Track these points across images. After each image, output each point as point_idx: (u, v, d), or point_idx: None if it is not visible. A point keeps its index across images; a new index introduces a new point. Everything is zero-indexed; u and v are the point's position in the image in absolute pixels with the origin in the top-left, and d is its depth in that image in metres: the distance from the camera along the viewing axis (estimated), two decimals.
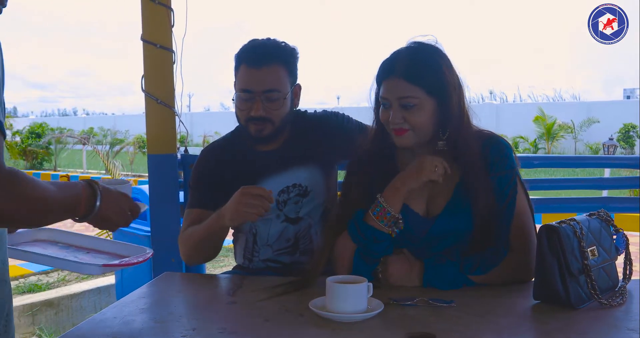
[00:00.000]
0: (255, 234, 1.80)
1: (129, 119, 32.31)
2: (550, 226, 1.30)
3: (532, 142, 18.72)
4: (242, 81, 1.69)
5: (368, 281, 1.27)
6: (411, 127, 1.47)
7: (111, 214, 1.22)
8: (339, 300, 1.24)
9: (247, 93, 1.68)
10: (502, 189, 1.50)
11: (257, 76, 1.67)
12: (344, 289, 1.24)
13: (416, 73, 1.45)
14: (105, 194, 1.20)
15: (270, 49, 1.70)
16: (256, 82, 1.67)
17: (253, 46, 1.71)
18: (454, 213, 1.50)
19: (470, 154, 1.49)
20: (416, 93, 1.44)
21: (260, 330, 1.19)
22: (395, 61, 1.48)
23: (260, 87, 1.67)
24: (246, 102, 1.69)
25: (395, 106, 1.46)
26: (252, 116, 1.69)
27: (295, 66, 1.75)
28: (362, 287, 1.25)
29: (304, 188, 1.77)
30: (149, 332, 1.20)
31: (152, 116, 2.35)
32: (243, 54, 1.71)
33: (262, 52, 1.68)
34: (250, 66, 1.67)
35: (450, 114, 1.48)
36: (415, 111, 1.46)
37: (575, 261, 1.30)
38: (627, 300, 1.34)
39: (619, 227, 1.43)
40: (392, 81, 1.46)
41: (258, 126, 1.70)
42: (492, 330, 1.18)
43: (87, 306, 3.74)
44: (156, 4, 2.29)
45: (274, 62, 1.68)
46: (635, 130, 17.83)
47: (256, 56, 1.68)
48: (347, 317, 1.22)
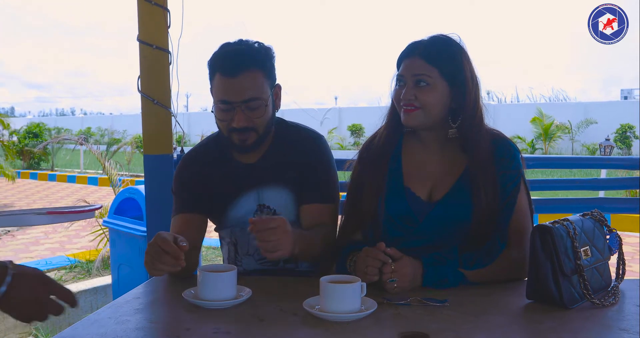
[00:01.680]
0: (236, 244, 1.77)
1: (126, 119, 32.25)
2: (543, 226, 1.31)
3: (530, 142, 18.75)
4: (219, 92, 1.58)
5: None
6: (421, 105, 1.52)
7: (20, 303, 1.00)
8: (333, 299, 1.25)
9: (226, 104, 1.58)
10: (504, 187, 1.54)
11: (234, 85, 1.56)
12: (337, 289, 1.25)
13: (434, 54, 1.51)
14: (18, 278, 0.99)
15: (244, 54, 1.58)
16: (234, 92, 1.56)
17: (225, 52, 1.60)
18: (455, 200, 1.54)
19: (479, 147, 1.54)
20: (431, 73, 1.50)
21: (255, 330, 1.20)
22: (418, 43, 1.55)
23: (239, 97, 1.57)
24: (226, 113, 1.60)
25: (409, 84, 1.52)
26: (235, 127, 1.59)
27: (273, 66, 1.65)
28: (355, 287, 1.26)
29: (272, 211, 1.71)
30: (144, 332, 1.20)
31: (148, 116, 2.36)
32: (216, 62, 1.59)
33: (236, 58, 1.57)
34: (226, 75, 1.56)
35: (464, 104, 1.53)
36: (427, 90, 1.51)
37: (568, 261, 1.31)
38: (619, 300, 1.34)
39: (612, 227, 1.44)
40: (410, 59, 1.53)
41: (242, 136, 1.61)
42: (485, 330, 1.19)
43: (84, 306, 3.74)
44: (152, 5, 2.29)
45: (251, 68, 1.57)
46: (633, 131, 17.86)
47: (231, 63, 1.56)
48: (340, 316, 1.23)
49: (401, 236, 1.56)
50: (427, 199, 1.57)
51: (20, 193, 10.99)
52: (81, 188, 12.15)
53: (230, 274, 1.36)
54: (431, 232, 1.54)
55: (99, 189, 11.46)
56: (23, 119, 32.05)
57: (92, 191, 11.11)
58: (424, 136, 1.60)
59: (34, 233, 6.40)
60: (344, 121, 23.24)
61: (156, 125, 2.36)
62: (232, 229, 1.75)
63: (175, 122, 2.39)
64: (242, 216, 1.72)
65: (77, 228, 5.91)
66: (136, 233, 3.09)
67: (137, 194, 3.34)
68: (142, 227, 3.03)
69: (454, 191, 1.55)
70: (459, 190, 1.55)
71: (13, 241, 4.56)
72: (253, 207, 1.71)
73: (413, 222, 1.56)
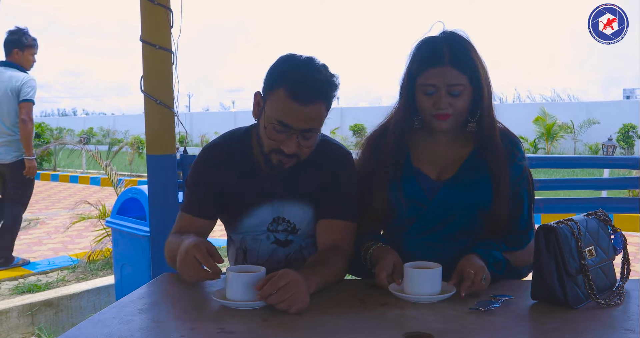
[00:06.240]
0: (246, 251, 1.72)
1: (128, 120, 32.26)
2: (548, 226, 1.31)
3: (532, 142, 18.71)
4: (281, 113, 1.49)
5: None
6: (453, 112, 1.55)
7: None
8: (417, 284, 1.37)
9: (284, 127, 1.50)
10: (514, 179, 1.60)
11: (301, 113, 1.48)
12: (421, 274, 1.38)
13: (463, 61, 1.54)
14: None
15: (322, 86, 1.50)
16: (298, 119, 1.49)
17: (304, 80, 1.48)
18: (464, 180, 1.59)
19: (491, 132, 1.60)
20: (463, 81, 1.53)
21: (258, 330, 1.20)
22: (442, 49, 1.54)
23: (302, 125, 1.50)
24: (280, 135, 1.51)
25: (442, 93, 1.53)
26: (283, 150, 1.52)
27: (334, 97, 1.57)
28: (437, 272, 1.38)
29: (291, 225, 1.66)
30: (148, 332, 1.20)
31: (151, 116, 2.36)
32: (290, 84, 1.48)
33: (314, 90, 1.48)
34: (296, 101, 1.47)
35: (482, 97, 1.57)
36: (460, 98, 1.54)
37: (573, 261, 1.31)
38: (624, 300, 1.34)
39: (616, 227, 1.44)
40: (440, 69, 1.53)
41: (284, 160, 1.55)
42: (490, 330, 1.18)
43: (87, 306, 3.74)
44: (155, 5, 2.29)
45: (320, 100, 1.50)
46: (635, 130, 17.81)
47: (307, 93, 1.47)
48: (425, 298, 1.35)
49: (412, 217, 1.61)
50: (436, 178, 1.61)
51: None
52: (84, 188, 12.15)
53: (261, 275, 1.35)
54: (442, 213, 1.58)
55: (102, 190, 11.46)
56: None
57: (94, 191, 11.11)
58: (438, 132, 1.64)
59: (36, 234, 6.40)
60: (346, 121, 23.21)
61: (159, 125, 2.35)
62: (244, 236, 1.71)
63: (178, 122, 2.39)
64: (256, 225, 1.67)
65: (79, 228, 5.91)
66: (139, 233, 3.09)
67: (140, 194, 3.34)
68: (145, 227, 3.03)
69: (462, 172, 1.60)
70: (466, 171, 1.60)
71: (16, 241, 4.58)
72: (268, 218, 1.66)
73: (423, 202, 1.59)
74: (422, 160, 1.64)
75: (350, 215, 1.63)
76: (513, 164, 1.61)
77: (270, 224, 1.67)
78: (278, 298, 1.27)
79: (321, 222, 1.64)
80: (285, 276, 1.30)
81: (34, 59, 4.35)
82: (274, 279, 1.29)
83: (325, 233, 1.63)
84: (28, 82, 4.23)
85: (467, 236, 1.59)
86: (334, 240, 1.60)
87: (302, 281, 1.31)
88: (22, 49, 4.28)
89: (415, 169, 1.63)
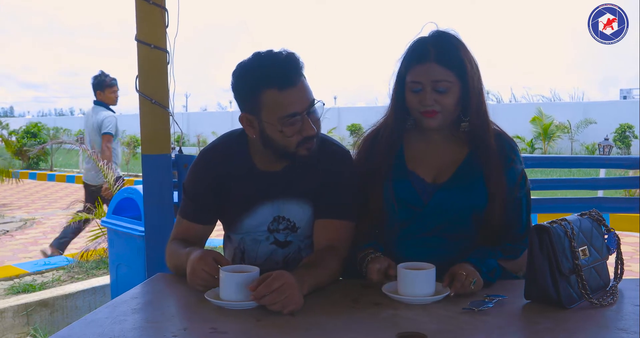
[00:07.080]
0: (244, 252, 1.71)
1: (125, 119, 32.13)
2: (541, 226, 1.31)
3: (529, 142, 18.72)
4: (284, 107, 1.49)
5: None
6: (441, 109, 1.54)
7: None
8: (411, 285, 1.36)
9: (294, 116, 1.49)
10: (510, 183, 1.59)
11: (297, 94, 1.49)
12: (415, 275, 1.36)
13: (448, 58, 1.53)
14: None
15: (293, 62, 1.50)
16: (300, 101, 1.49)
17: (279, 67, 1.48)
18: (459, 184, 1.58)
19: (484, 133, 1.59)
20: (449, 77, 1.52)
21: (252, 330, 1.19)
22: (427, 47, 1.54)
23: (305, 104, 1.50)
24: (296, 126, 1.50)
25: (428, 89, 1.53)
26: (307, 136, 1.52)
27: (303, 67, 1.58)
28: (430, 272, 1.37)
29: (292, 224, 1.66)
30: (141, 332, 1.20)
31: (146, 116, 2.35)
32: (272, 79, 1.48)
33: (292, 68, 1.49)
34: (288, 88, 1.48)
35: (471, 95, 1.56)
36: (446, 94, 1.53)
37: (566, 261, 1.31)
38: (617, 300, 1.34)
39: (610, 227, 1.44)
40: (425, 65, 1.53)
41: (310, 145, 1.54)
42: (483, 330, 1.19)
43: (82, 306, 3.73)
44: (150, 4, 2.29)
45: (301, 73, 1.51)
46: (632, 130, 17.84)
47: (289, 75, 1.48)
48: (418, 299, 1.34)
49: (406, 219, 1.59)
50: (431, 181, 1.61)
51: (19, 193, 10.97)
52: (80, 187, 12.12)
53: (254, 275, 1.35)
54: (436, 217, 1.57)
55: None
56: (22, 119, 32.01)
57: None
58: (429, 131, 1.63)
59: (32, 234, 6.39)
60: (343, 121, 23.20)
61: (154, 125, 2.35)
62: (244, 236, 1.70)
63: (173, 122, 2.39)
64: (257, 225, 1.67)
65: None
66: (134, 233, 3.08)
67: (135, 194, 3.33)
68: (140, 227, 3.02)
69: (457, 175, 1.59)
70: (462, 174, 1.59)
71: (12, 241, 4.56)
72: (269, 218, 1.66)
73: (418, 205, 1.59)
74: (417, 162, 1.64)
75: (348, 215, 1.62)
76: (510, 168, 1.60)
77: (270, 223, 1.66)
78: (271, 300, 1.27)
79: (318, 222, 1.64)
80: (279, 278, 1.29)
81: (116, 96, 5.15)
82: (267, 281, 1.29)
83: (321, 233, 1.62)
84: (108, 118, 5.02)
85: (461, 240, 1.59)
86: (330, 240, 1.59)
87: (296, 283, 1.31)
88: (103, 90, 5.07)
89: (410, 172, 1.62)
